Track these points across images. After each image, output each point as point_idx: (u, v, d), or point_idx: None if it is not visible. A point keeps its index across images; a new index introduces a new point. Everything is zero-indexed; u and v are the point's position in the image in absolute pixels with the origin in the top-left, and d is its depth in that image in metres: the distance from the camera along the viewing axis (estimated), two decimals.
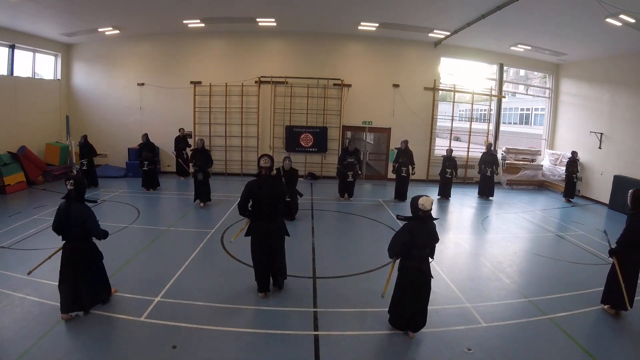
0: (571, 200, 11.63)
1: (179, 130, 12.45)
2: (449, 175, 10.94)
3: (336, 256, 6.50)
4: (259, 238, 4.73)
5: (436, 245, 4.19)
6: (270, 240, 4.74)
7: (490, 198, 11.38)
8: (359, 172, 10.64)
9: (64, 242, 4.25)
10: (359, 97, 13.23)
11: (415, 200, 3.98)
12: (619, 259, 4.67)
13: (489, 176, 11.38)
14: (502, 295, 5.25)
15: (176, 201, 10.10)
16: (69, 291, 4.19)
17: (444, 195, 11.03)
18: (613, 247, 4.75)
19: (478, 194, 11.66)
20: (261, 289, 4.92)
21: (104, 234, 4.29)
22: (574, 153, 11.66)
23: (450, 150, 11.36)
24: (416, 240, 3.89)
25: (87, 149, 11.06)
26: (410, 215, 4.04)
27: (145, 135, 11.10)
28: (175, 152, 12.50)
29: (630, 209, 4.75)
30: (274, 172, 5.01)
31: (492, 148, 12.10)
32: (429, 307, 4.27)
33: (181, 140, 12.42)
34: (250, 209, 4.73)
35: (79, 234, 4.16)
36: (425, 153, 13.47)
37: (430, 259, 4.14)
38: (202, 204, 9.17)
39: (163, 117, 13.36)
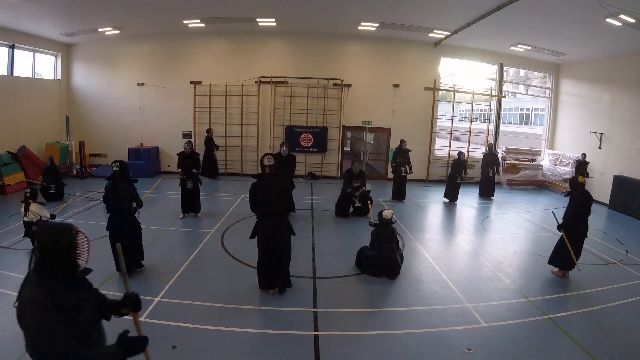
0: None
1: (208, 131, 12.53)
2: (459, 180, 10.45)
3: (336, 256, 6.49)
4: (267, 235, 4.76)
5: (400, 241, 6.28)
6: (278, 237, 4.77)
7: (492, 198, 11.37)
8: (369, 197, 8.84)
9: (109, 214, 5.19)
10: (359, 97, 13.22)
11: (380, 212, 5.88)
12: (567, 231, 5.70)
13: (491, 177, 11.32)
14: (502, 295, 5.25)
15: (176, 202, 10.07)
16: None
17: (453, 198, 10.63)
18: (560, 223, 5.81)
19: (479, 194, 11.65)
20: (271, 284, 4.94)
21: (141, 203, 5.38)
22: (583, 155, 11.44)
23: (462, 154, 10.75)
24: (382, 238, 5.71)
25: (54, 173, 9.51)
26: (378, 222, 5.93)
27: (50, 159, 9.68)
28: (214, 149, 12.54)
29: (570, 190, 5.92)
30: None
31: (494, 148, 12.03)
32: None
33: (211, 142, 12.47)
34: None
35: (126, 207, 5.14)
36: (425, 153, 13.47)
37: (400, 249, 6.07)
38: (199, 214, 8.37)
39: (163, 117, 13.36)
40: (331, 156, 13.49)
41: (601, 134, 11.59)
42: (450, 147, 13.75)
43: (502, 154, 13.58)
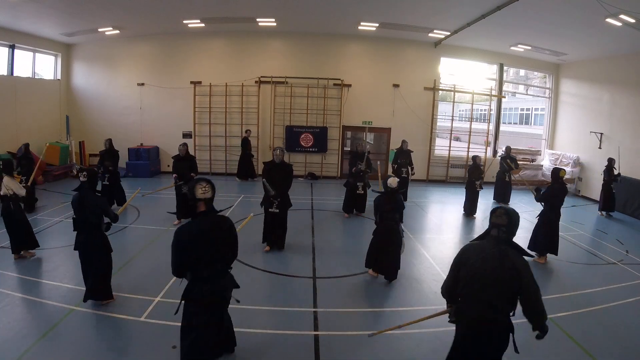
0: (611, 214, 10.22)
1: (246, 132, 12.64)
2: (479, 188, 9.33)
3: (336, 256, 6.49)
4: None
5: (404, 212, 5.64)
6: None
7: (508, 204, 10.86)
8: (369, 184, 8.82)
9: (75, 232, 4.49)
10: (359, 97, 13.22)
11: (385, 180, 5.64)
12: (543, 216, 6.49)
13: (507, 181, 10.87)
14: None
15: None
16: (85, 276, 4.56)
17: (472, 212, 9.44)
18: (538, 197, 6.60)
19: (494, 197, 11.08)
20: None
21: (115, 217, 4.60)
22: (611, 160, 10.09)
23: (478, 158, 9.57)
24: (385, 207, 5.41)
25: (28, 162, 8.42)
26: (383, 190, 5.66)
27: (25, 146, 8.75)
28: (247, 154, 12.59)
29: (551, 181, 6.48)
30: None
31: (511, 151, 11.26)
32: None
33: (248, 143, 12.56)
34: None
35: (94, 222, 4.43)
36: (425, 153, 13.47)
37: (401, 223, 5.53)
38: None
39: (163, 117, 13.36)
40: (331, 156, 13.49)
41: (601, 134, 11.59)
42: (450, 147, 13.75)
43: (502, 154, 13.54)
